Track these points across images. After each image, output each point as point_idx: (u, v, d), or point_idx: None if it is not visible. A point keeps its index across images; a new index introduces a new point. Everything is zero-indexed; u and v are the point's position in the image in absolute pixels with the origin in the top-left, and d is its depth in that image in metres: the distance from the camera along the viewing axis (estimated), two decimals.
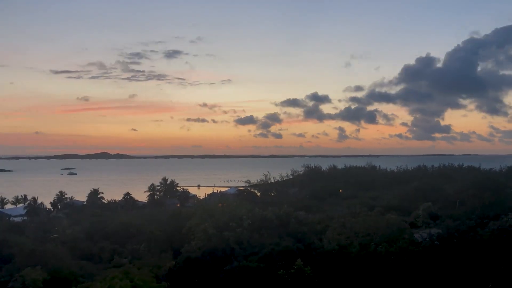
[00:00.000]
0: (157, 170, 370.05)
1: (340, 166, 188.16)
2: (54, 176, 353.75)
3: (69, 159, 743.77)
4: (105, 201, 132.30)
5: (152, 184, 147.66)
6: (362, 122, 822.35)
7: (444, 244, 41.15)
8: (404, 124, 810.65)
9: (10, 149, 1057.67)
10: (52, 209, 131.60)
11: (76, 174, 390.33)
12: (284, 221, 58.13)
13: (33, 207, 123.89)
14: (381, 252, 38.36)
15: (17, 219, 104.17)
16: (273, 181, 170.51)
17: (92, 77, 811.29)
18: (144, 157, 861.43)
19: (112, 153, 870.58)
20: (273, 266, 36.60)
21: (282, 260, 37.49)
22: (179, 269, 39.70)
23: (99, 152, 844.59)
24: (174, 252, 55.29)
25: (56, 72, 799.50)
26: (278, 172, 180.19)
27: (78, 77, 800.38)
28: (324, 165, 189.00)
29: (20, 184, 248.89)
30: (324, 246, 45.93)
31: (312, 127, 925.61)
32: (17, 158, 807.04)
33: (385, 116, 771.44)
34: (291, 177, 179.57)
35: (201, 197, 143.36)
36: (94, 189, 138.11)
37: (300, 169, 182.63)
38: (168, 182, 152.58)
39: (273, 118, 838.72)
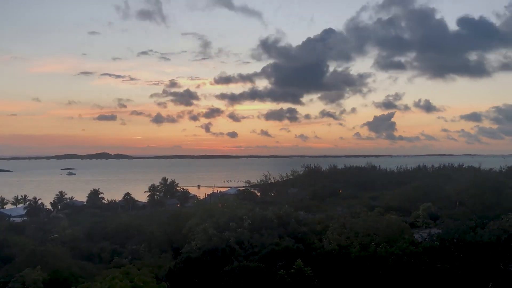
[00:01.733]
0: (157, 170, 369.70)
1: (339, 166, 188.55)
2: (53, 176, 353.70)
3: (69, 159, 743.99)
4: (105, 201, 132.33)
5: (152, 184, 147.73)
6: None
7: (444, 244, 41.17)
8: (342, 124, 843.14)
9: (10, 149, 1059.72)
10: (52, 209, 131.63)
11: (75, 174, 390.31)
12: (284, 221, 58.06)
13: (33, 207, 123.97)
14: (381, 253, 38.36)
15: (17, 219, 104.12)
16: (273, 181, 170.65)
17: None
18: (144, 157, 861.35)
19: (112, 153, 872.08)
20: (273, 266, 36.60)
21: (282, 260, 37.49)
22: (179, 269, 39.66)
23: (99, 152, 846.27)
24: (174, 252, 55.28)
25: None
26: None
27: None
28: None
29: (20, 184, 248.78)
30: (324, 246, 45.93)
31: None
32: (17, 158, 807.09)
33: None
34: (291, 177, 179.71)
35: (201, 197, 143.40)
36: (94, 189, 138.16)
37: (300, 169, 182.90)
38: (168, 182, 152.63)
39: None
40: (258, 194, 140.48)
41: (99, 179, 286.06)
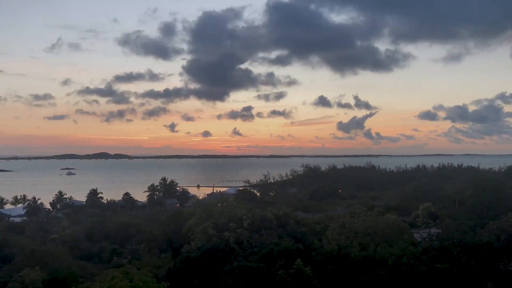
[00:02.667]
0: (157, 170, 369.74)
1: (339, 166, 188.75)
2: (53, 176, 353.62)
3: (69, 159, 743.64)
4: (105, 201, 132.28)
5: (152, 184, 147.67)
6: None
7: (444, 244, 41.19)
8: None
9: (10, 149, 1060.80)
10: (51, 209, 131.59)
11: (74, 174, 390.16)
12: (284, 221, 58.13)
13: (33, 207, 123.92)
14: (381, 252, 38.38)
15: (17, 219, 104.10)
16: (272, 181, 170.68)
17: None
18: (144, 157, 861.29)
19: (112, 153, 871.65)
20: (272, 266, 36.59)
21: (282, 260, 37.49)
22: (178, 269, 39.66)
23: (99, 152, 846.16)
24: (173, 252, 55.28)
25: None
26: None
27: None
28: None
29: (20, 184, 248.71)
30: (323, 246, 45.93)
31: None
32: (16, 158, 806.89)
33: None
34: (291, 177, 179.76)
35: (201, 197, 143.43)
36: (93, 189, 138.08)
37: (300, 169, 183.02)
38: (167, 182, 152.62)
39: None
40: (258, 194, 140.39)
41: (99, 178, 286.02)
